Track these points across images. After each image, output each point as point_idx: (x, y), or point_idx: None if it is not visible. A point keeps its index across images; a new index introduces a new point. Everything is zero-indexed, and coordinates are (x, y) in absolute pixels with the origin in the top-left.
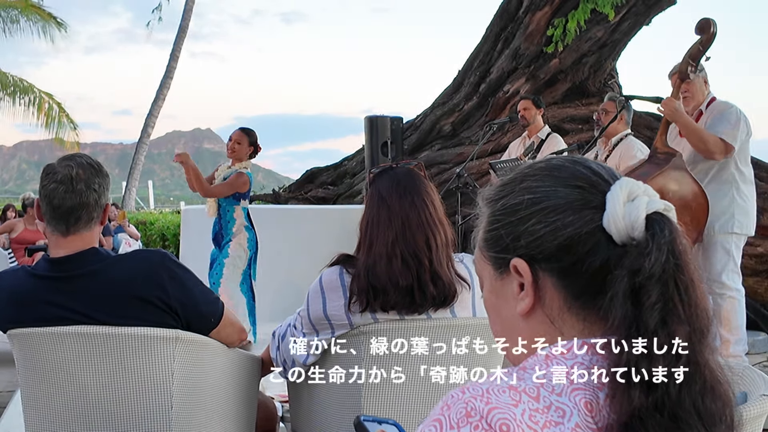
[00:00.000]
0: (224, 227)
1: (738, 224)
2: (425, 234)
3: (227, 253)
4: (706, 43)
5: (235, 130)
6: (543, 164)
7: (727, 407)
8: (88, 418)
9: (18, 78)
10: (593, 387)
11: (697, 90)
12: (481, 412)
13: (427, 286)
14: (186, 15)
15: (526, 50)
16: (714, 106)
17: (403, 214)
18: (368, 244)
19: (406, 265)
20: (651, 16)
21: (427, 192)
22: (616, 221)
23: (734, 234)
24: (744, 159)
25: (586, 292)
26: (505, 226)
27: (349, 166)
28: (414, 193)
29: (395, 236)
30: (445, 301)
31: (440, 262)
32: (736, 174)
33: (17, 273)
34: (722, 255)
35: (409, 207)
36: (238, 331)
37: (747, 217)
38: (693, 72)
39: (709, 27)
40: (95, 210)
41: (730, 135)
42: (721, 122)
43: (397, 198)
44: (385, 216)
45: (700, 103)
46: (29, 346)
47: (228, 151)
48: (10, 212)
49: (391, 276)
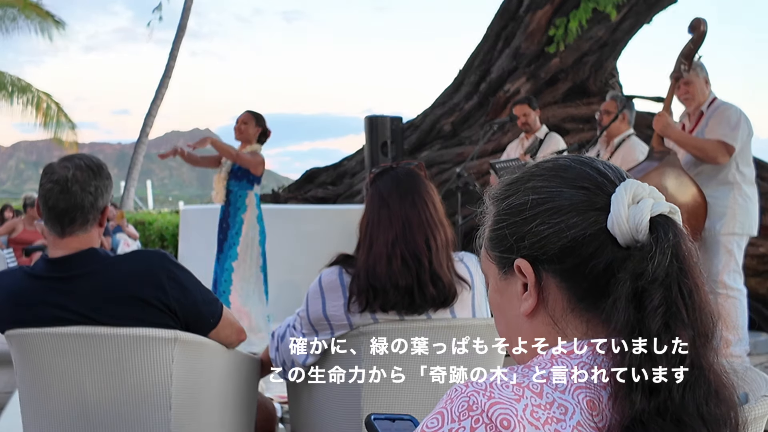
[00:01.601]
0: (232, 215)
1: (740, 225)
2: (425, 234)
3: (236, 254)
4: (698, 41)
5: (243, 113)
6: (550, 164)
7: (731, 411)
8: (87, 419)
9: (16, 77)
10: (596, 386)
11: (698, 91)
12: (483, 407)
13: (427, 287)
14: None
15: (526, 49)
16: (715, 106)
17: (403, 214)
18: (368, 244)
19: (406, 266)
20: (652, 15)
21: (427, 192)
22: (620, 224)
23: (736, 234)
24: (745, 160)
25: (589, 295)
26: (510, 226)
27: (349, 166)
28: (414, 194)
29: (395, 236)
30: (444, 302)
31: (440, 262)
32: (737, 175)
33: (15, 273)
34: (724, 255)
35: (410, 207)
36: (237, 331)
37: (749, 218)
38: (686, 71)
39: (700, 26)
40: (90, 213)
41: (731, 136)
42: (720, 124)
43: (398, 198)
44: (385, 216)
45: (701, 104)
46: (27, 347)
47: (235, 133)
48: (7, 212)
49: (390, 276)
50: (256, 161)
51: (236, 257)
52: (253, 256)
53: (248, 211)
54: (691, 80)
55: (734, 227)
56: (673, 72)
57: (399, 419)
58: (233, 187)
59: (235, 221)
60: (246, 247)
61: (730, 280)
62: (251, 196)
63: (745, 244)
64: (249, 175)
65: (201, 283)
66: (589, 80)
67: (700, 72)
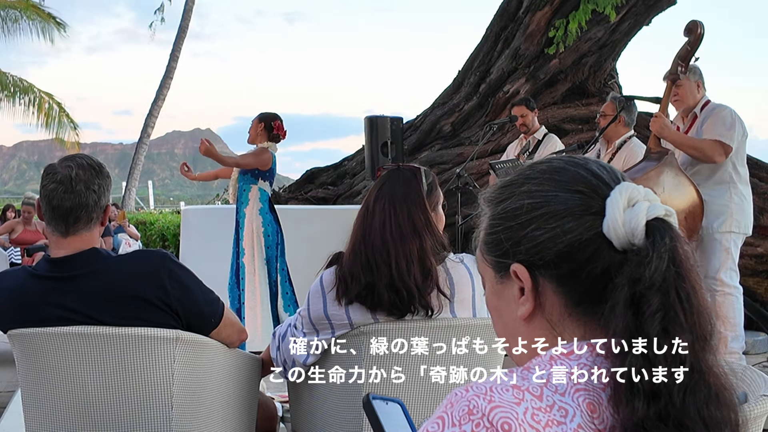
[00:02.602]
0: (238, 210)
1: (736, 223)
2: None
3: (243, 252)
4: (694, 43)
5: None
6: (544, 166)
7: (732, 413)
8: (89, 419)
9: (18, 78)
10: (596, 388)
11: (688, 93)
12: (483, 410)
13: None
14: (186, 15)
15: (526, 50)
16: (709, 108)
17: (381, 217)
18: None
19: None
20: (651, 16)
21: (418, 199)
22: (615, 228)
23: (733, 233)
24: (740, 159)
25: (586, 300)
26: (505, 231)
27: (349, 166)
28: (398, 200)
29: (364, 235)
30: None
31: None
32: (733, 174)
33: (17, 273)
34: (720, 253)
35: (389, 212)
36: (238, 331)
37: (744, 217)
38: (683, 72)
39: (697, 28)
40: (95, 211)
41: (727, 136)
42: (716, 125)
43: (381, 200)
44: (362, 213)
45: (691, 107)
46: (29, 347)
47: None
48: (9, 212)
49: (352, 270)
50: (259, 159)
51: (244, 253)
52: (257, 249)
53: (250, 205)
54: (681, 83)
55: (732, 226)
56: (669, 74)
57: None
58: (240, 182)
59: (240, 216)
60: (250, 241)
61: (728, 278)
62: (254, 189)
63: (741, 243)
64: (255, 169)
65: (202, 283)
66: (588, 81)
67: (692, 76)
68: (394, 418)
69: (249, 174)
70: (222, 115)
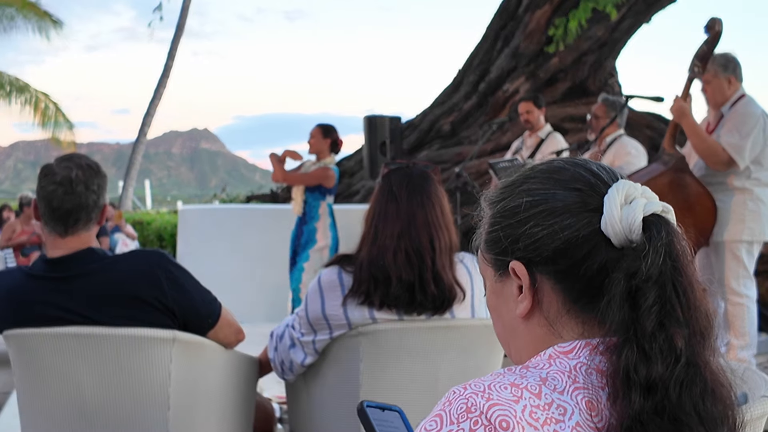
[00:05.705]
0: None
1: (749, 231)
2: (430, 234)
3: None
4: (712, 42)
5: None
6: (544, 166)
7: (728, 410)
8: (85, 419)
9: (14, 77)
10: (595, 386)
11: (716, 90)
12: (482, 408)
13: (429, 285)
14: (183, 14)
15: (525, 49)
16: (735, 109)
17: (410, 211)
18: (372, 235)
19: (409, 261)
20: (651, 15)
21: (436, 195)
22: (613, 224)
23: (744, 242)
24: (759, 165)
25: (584, 296)
26: (504, 229)
27: (348, 165)
28: (424, 194)
29: (401, 230)
30: (443, 306)
31: (443, 264)
32: (747, 181)
33: (14, 273)
34: (731, 261)
35: (418, 206)
36: (235, 331)
37: (759, 224)
38: (700, 73)
39: (715, 26)
40: (94, 211)
41: (735, 148)
42: (731, 131)
43: (407, 194)
44: (392, 210)
45: (719, 104)
46: (26, 347)
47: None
48: (5, 212)
49: (394, 268)
50: (324, 175)
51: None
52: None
53: (321, 220)
54: (709, 79)
55: (741, 233)
56: (689, 72)
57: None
58: (308, 198)
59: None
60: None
61: (739, 286)
62: (323, 206)
63: (758, 250)
64: (321, 187)
65: (199, 283)
66: (588, 80)
67: (722, 71)
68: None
69: (317, 192)
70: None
